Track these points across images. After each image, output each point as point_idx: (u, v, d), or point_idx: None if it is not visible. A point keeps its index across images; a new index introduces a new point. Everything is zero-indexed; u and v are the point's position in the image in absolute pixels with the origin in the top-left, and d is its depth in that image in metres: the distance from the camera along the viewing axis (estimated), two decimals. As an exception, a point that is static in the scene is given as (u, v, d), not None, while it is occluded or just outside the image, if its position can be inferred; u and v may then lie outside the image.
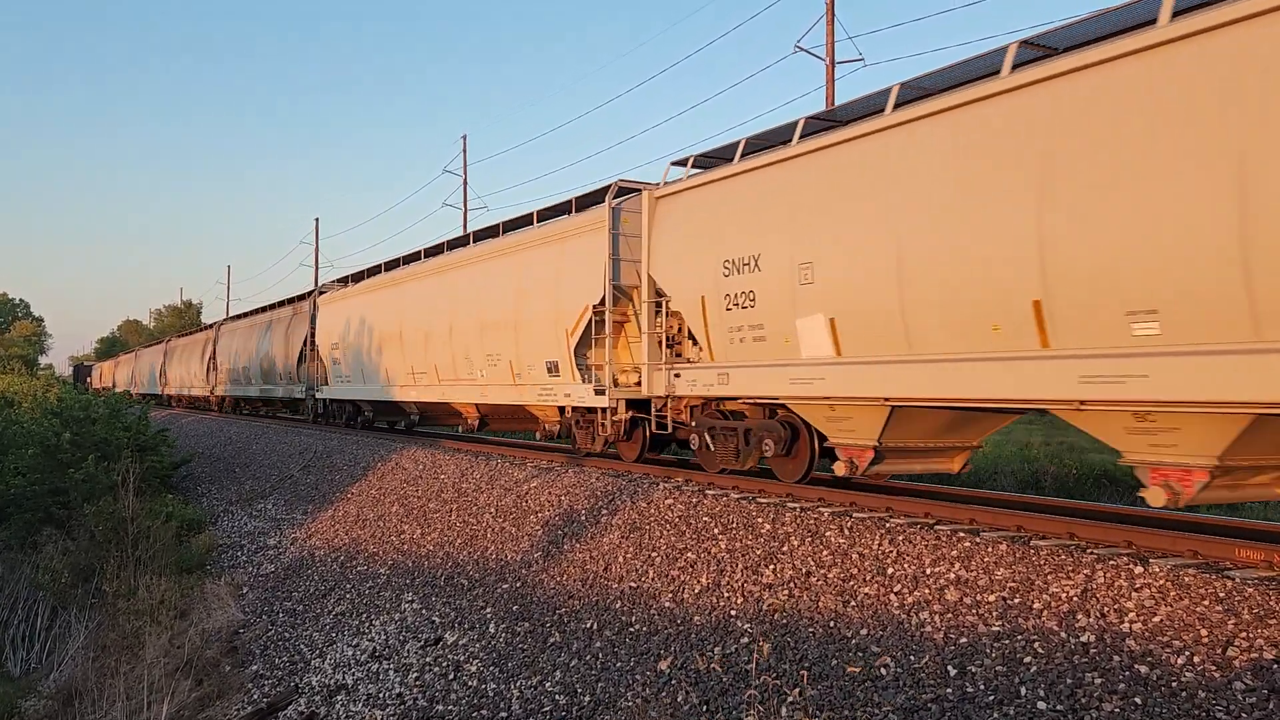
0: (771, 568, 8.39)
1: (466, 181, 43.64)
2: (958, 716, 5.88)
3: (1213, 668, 5.41)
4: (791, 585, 8.04)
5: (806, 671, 6.88)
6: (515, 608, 10.02)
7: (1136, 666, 5.63)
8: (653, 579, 9.15)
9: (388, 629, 11.11)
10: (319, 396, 26.25)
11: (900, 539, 7.96)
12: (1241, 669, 5.31)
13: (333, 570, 13.97)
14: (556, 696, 8.18)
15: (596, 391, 13.08)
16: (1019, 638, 6.28)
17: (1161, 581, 6.22)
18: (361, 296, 22.86)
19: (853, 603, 7.46)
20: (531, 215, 15.78)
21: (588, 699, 7.93)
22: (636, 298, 12.96)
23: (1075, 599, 6.38)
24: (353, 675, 10.50)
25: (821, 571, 8.01)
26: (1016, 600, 6.63)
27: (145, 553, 16.26)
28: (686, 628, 8.17)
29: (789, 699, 6.68)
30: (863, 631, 7.09)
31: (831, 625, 7.32)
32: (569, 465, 14.00)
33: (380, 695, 9.75)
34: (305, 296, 28.37)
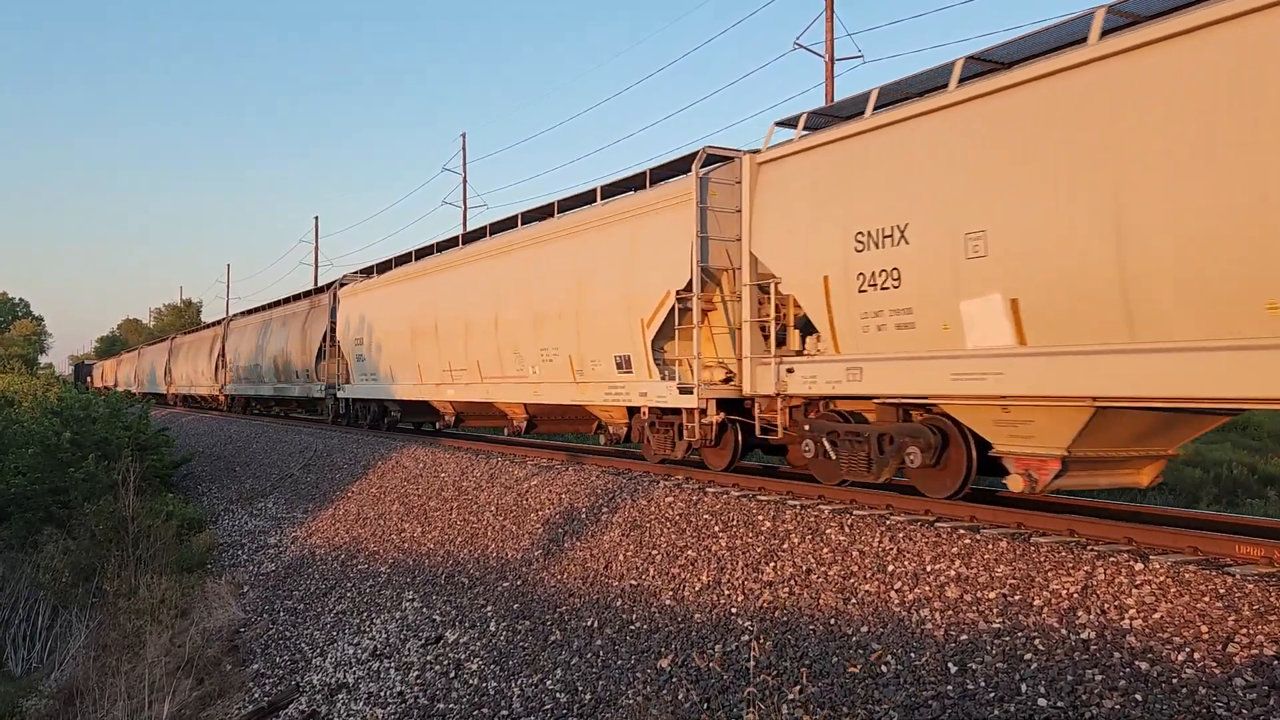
0: (772, 565, 8.40)
1: (466, 180, 43.64)
2: (959, 713, 5.88)
3: (1213, 664, 5.41)
4: (792, 583, 8.04)
5: (807, 669, 6.89)
6: (516, 606, 10.03)
7: (1137, 663, 5.63)
8: (653, 577, 9.16)
9: (389, 627, 11.12)
10: (341, 396, 24.59)
11: (900, 536, 7.96)
12: (1242, 665, 5.32)
13: (333, 569, 13.98)
14: (557, 694, 8.19)
15: (681, 390, 11.56)
16: (1019, 634, 6.29)
17: (1162, 578, 6.23)
18: (389, 288, 21.32)
19: (853, 600, 7.47)
20: (594, 192, 14.30)
21: (589, 697, 7.94)
22: (726, 282, 11.56)
23: (1076, 595, 6.39)
24: (354, 674, 10.51)
25: (822, 569, 8.02)
26: (1017, 597, 6.64)
27: (146, 552, 16.28)
28: (687, 625, 8.18)
29: (789, 696, 6.68)
30: (863, 629, 7.09)
31: (832, 622, 7.33)
32: (569, 463, 14.01)
33: (381, 694, 9.76)
34: (324, 289, 26.90)
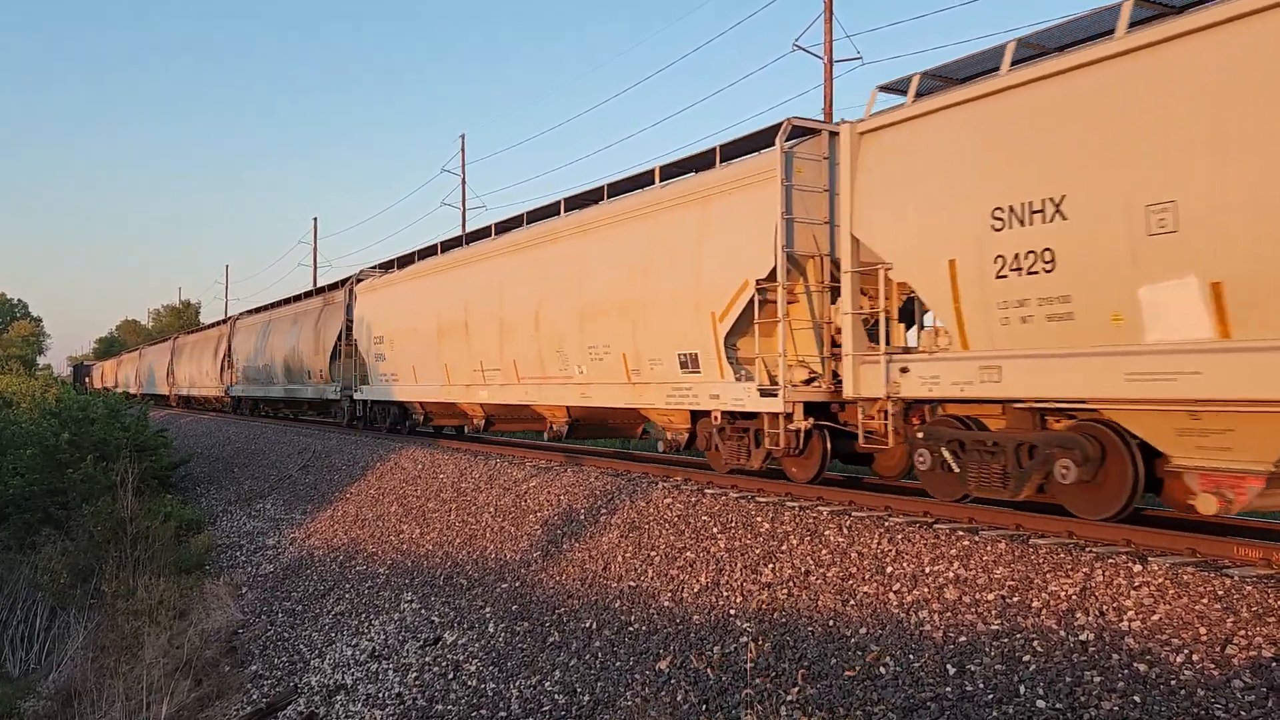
0: (770, 567, 8.40)
1: (465, 181, 43.60)
2: (957, 715, 5.88)
3: (1211, 666, 5.41)
4: (791, 584, 8.04)
5: (805, 670, 6.89)
6: (514, 607, 10.02)
7: (1135, 665, 5.63)
8: (652, 578, 9.16)
9: (387, 629, 11.11)
10: (358, 398, 23.20)
11: (899, 538, 7.96)
12: (1240, 667, 5.32)
13: (332, 570, 13.97)
14: (556, 696, 8.18)
15: (763, 392, 10.32)
16: (1018, 636, 6.29)
17: (1160, 580, 6.23)
18: (413, 283, 19.96)
19: (852, 602, 7.47)
20: (651, 173, 13.10)
21: (587, 698, 7.93)
22: (812, 270, 10.43)
23: (1074, 597, 6.39)
24: (352, 675, 10.50)
25: (820, 570, 8.02)
26: (1015, 599, 6.64)
27: (144, 553, 16.26)
28: (686, 627, 8.17)
29: (788, 698, 6.68)
30: (862, 630, 7.09)
31: (831, 624, 7.33)
32: (567, 465, 14.01)
33: (380, 695, 9.76)
34: (338, 285, 25.65)
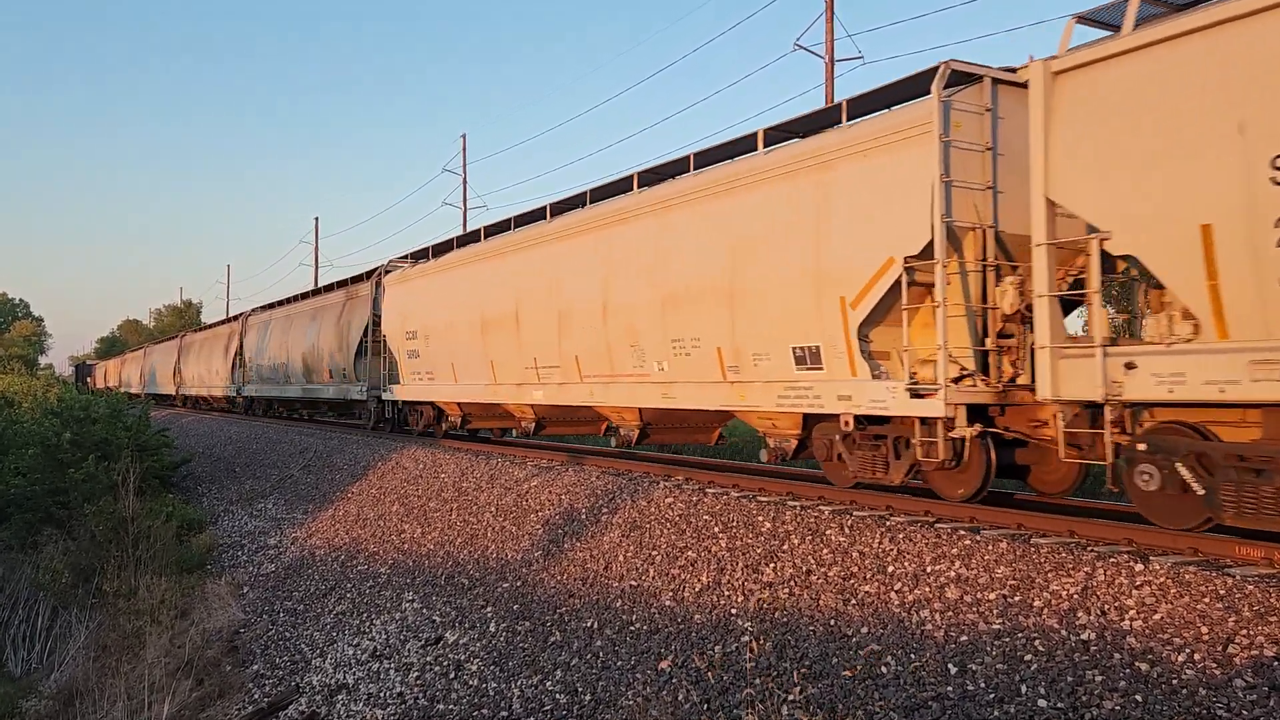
0: (772, 566, 8.40)
1: (466, 180, 43.64)
2: (959, 714, 5.88)
3: (1213, 665, 5.41)
4: (792, 583, 8.04)
5: (807, 669, 6.89)
6: (516, 607, 10.02)
7: (1137, 664, 5.63)
8: (653, 578, 9.16)
9: (388, 628, 11.11)
10: (387, 398, 21.54)
11: (900, 537, 7.96)
12: (1242, 666, 5.32)
13: (333, 570, 13.97)
14: (557, 695, 8.18)
15: (914, 393, 8.73)
16: (1020, 635, 6.29)
17: (1162, 579, 6.23)
18: (451, 272, 18.36)
19: (853, 601, 7.47)
20: (752, 137, 11.26)
21: (588, 698, 7.94)
22: (971, 245, 8.81)
23: (1076, 596, 6.38)
24: (353, 675, 10.50)
25: (822, 570, 8.02)
26: (1017, 598, 6.64)
27: (145, 552, 16.27)
28: (687, 626, 8.18)
29: (789, 697, 6.68)
30: (863, 629, 7.09)
31: (832, 623, 7.32)
32: (569, 464, 14.00)
33: (381, 694, 9.76)
34: (363, 278, 24.24)
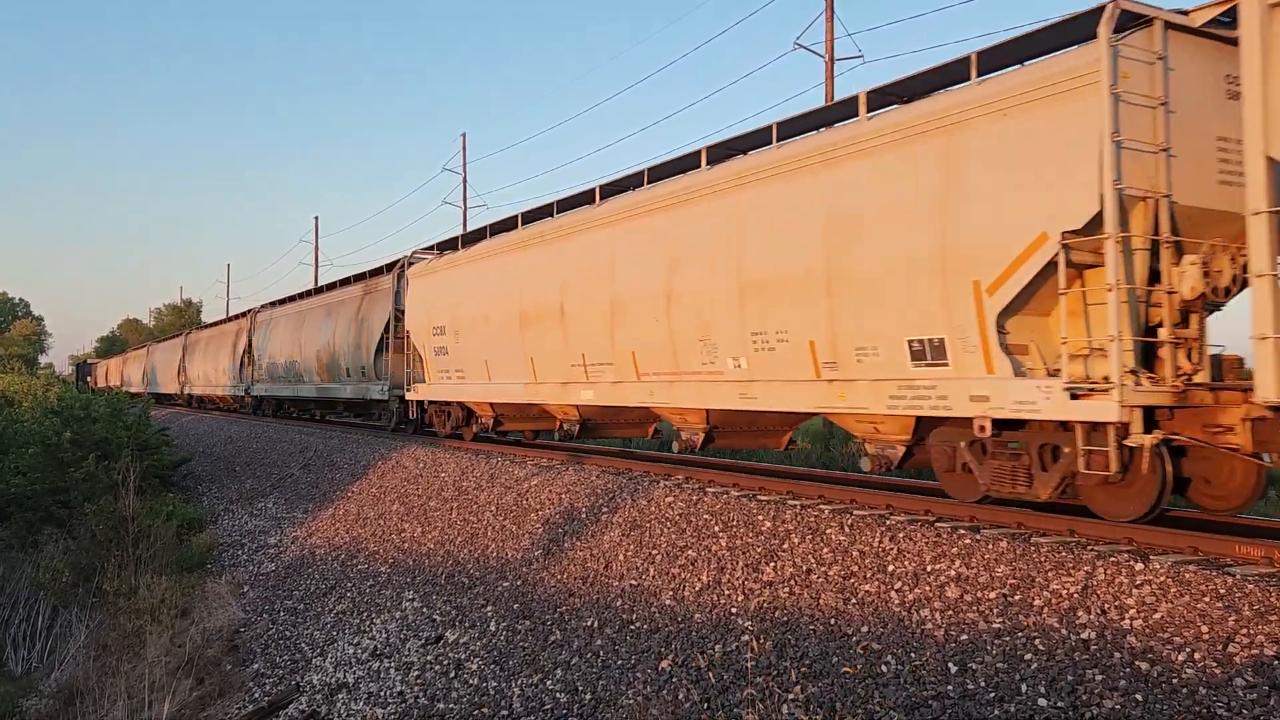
0: (772, 565, 8.40)
1: (466, 179, 43.64)
2: (959, 713, 5.88)
3: (1213, 664, 5.41)
4: (792, 583, 8.04)
5: (807, 668, 6.89)
6: (516, 606, 10.02)
7: (1137, 663, 5.63)
8: (653, 577, 9.16)
9: (389, 627, 11.11)
10: (411, 398, 20.26)
11: (901, 536, 7.96)
12: (1242, 665, 5.32)
13: (333, 569, 13.98)
14: (557, 694, 8.18)
15: (1073, 394, 7.48)
16: (1020, 634, 6.29)
17: (1162, 578, 6.23)
18: (485, 262, 17.03)
19: (853, 600, 7.47)
20: (852, 101, 9.73)
21: (589, 697, 7.94)
22: (1139, 217, 7.48)
23: (1076, 596, 6.39)
24: (354, 674, 10.50)
25: (822, 569, 8.02)
26: (1017, 597, 6.64)
27: (146, 552, 16.27)
28: (687, 625, 8.18)
29: (790, 696, 6.68)
30: (864, 629, 7.09)
31: (832, 622, 7.33)
32: (569, 464, 14.00)
33: (381, 694, 9.76)
34: (383, 270, 23.13)
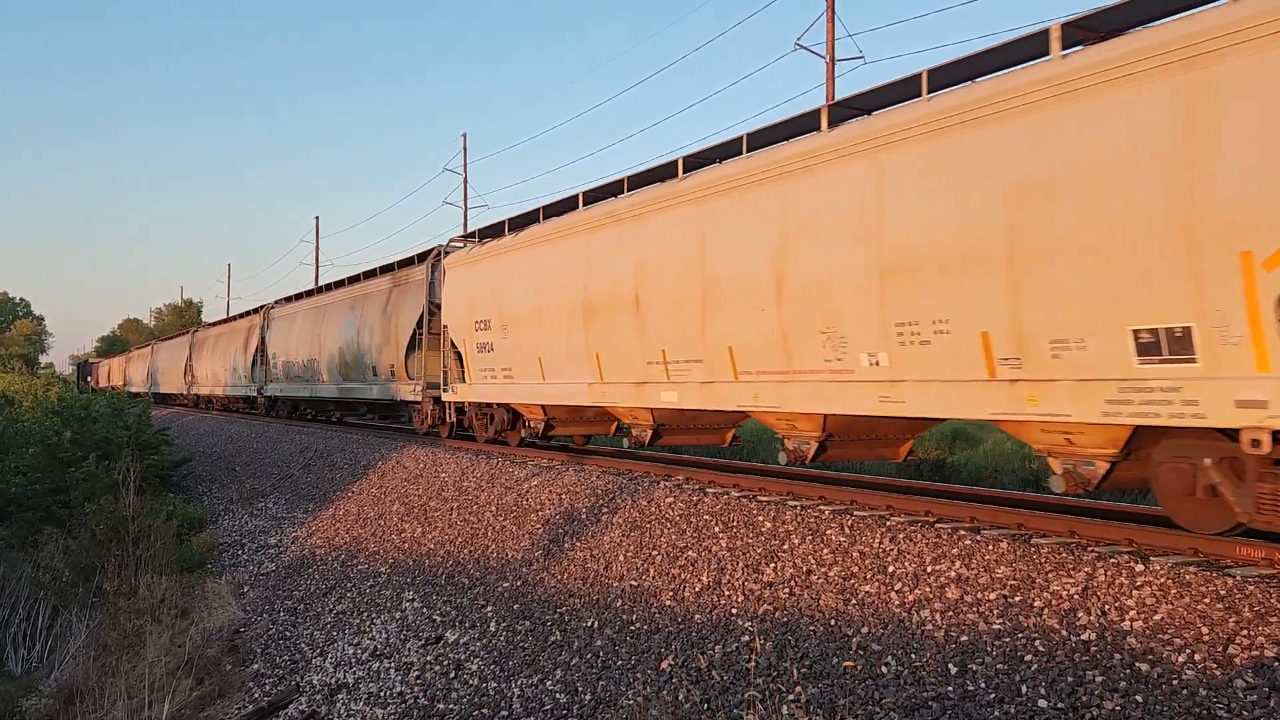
0: (772, 566, 8.40)
1: (467, 180, 43.64)
2: (959, 714, 5.88)
3: (1214, 665, 5.41)
4: (792, 583, 8.04)
5: (807, 669, 6.89)
6: (516, 606, 10.02)
7: (1137, 664, 5.63)
8: (653, 577, 9.16)
9: (389, 627, 11.11)
10: (448, 399, 18.51)
11: (901, 537, 7.96)
12: (1242, 667, 5.31)
13: (333, 569, 13.98)
14: (557, 695, 8.18)
15: None
16: (1020, 635, 6.28)
17: (1162, 579, 6.23)
18: (539, 248, 15.11)
19: (854, 601, 7.46)
20: (1039, 37, 7.85)
21: (589, 697, 7.94)
22: None
23: (1076, 597, 6.38)
24: (354, 674, 10.50)
25: (822, 570, 8.02)
26: (1017, 598, 6.64)
27: (146, 551, 16.27)
28: (687, 626, 8.17)
29: (790, 697, 6.68)
30: (864, 629, 7.09)
31: (833, 623, 7.32)
32: (569, 464, 14.00)
33: (381, 694, 9.76)
34: (414, 261, 21.38)
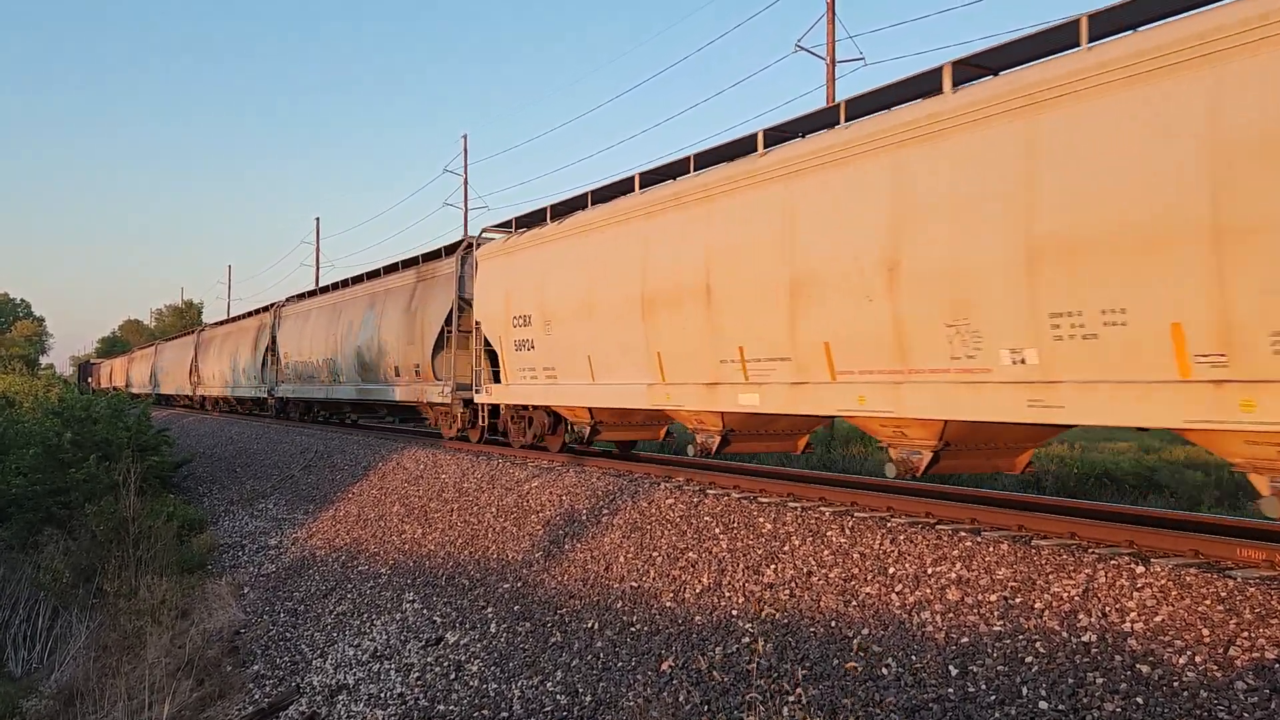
0: (773, 567, 8.39)
1: (467, 180, 43.64)
2: (959, 716, 5.87)
3: (1214, 667, 5.41)
4: (793, 585, 8.04)
5: (808, 671, 6.88)
6: (516, 607, 10.02)
7: (1138, 666, 5.63)
8: (654, 579, 9.15)
9: (389, 629, 11.11)
10: (482, 400, 16.86)
11: (901, 538, 7.95)
12: (1243, 668, 5.31)
13: (334, 570, 13.97)
14: (558, 696, 8.18)
15: None
16: (1020, 637, 6.28)
17: (1163, 581, 6.22)
18: (587, 236, 13.54)
19: (854, 602, 7.46)
20: None
21: (589, 699, 7.93)
22: None
23: (1077, 598, 6.38)
24: (354, 675, 10.50)
25: (823, 571, 8.01)
26: (1018, 600, 6.63)
27: (146, 552, 16.27)
28: (688, 627, 8.17)
29: (790, 699, 6.68)
30: (864, 631, 7.09)
31: (833, 625, 7.32)
32: (570, 465, 14.00)
33: (381, 695, 9.75)
34: (441, 254, 19.61)
